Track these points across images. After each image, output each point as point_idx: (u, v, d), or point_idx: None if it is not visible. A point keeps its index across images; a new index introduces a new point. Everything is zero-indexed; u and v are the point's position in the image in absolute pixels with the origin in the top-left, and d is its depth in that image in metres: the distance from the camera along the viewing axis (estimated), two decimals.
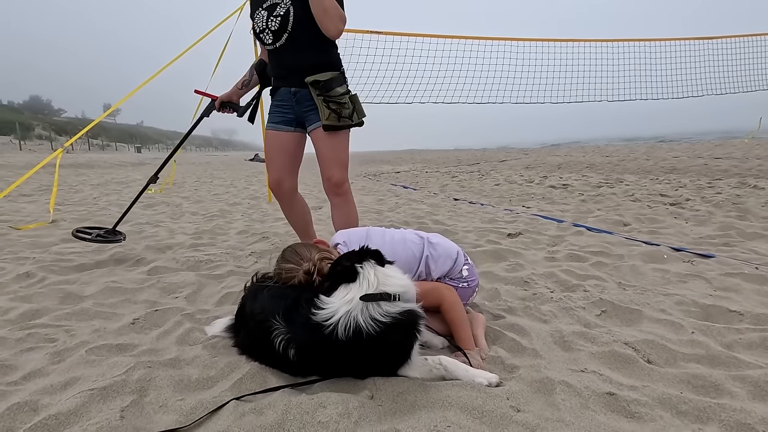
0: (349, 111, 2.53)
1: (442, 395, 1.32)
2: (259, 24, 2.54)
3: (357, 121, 2.60)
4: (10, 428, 1.25)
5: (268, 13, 2.49)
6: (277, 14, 2.46)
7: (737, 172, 8.22)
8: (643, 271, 2.64)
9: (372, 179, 11.61)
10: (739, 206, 4.61)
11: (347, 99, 2.52)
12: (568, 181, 8.22)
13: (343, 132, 2.61)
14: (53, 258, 3.14)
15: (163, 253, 3.40)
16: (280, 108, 2.70)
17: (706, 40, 10.36)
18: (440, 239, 2.02)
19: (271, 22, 2.48)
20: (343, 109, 2.50)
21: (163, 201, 6.85)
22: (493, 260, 3.05)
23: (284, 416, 1.23)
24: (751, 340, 1.69)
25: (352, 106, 2.54)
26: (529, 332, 1.81)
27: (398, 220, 4.86)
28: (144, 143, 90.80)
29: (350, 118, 2.54)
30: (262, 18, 2.52)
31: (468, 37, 9.21)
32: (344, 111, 2.51)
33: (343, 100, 2.50)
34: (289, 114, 2.68)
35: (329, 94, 2.47)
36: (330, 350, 1.40)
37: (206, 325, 1.95)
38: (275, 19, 2.47)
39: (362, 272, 1.47)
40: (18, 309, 2.14)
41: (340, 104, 2.49)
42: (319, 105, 2.50)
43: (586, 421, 1.22)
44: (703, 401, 1.29)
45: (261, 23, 2.53)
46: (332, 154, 2.61)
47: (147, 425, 1.26)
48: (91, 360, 1.62)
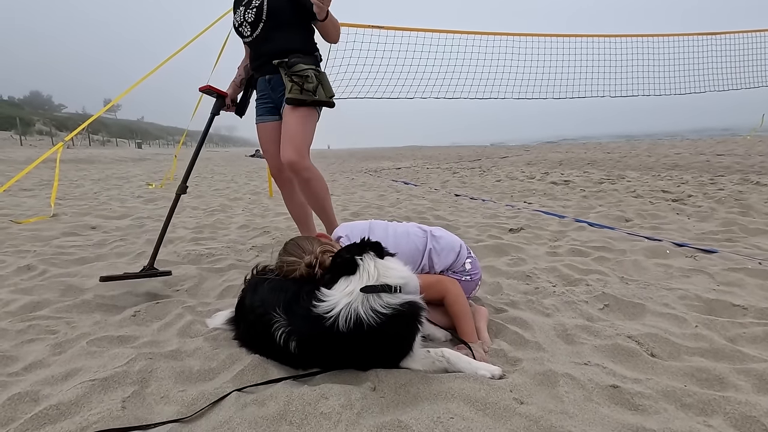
0: (313, 85, 2.50)
1: (445, 387, 1.32)
2: (238, 18, 2.64)
3: (323, 98, 2.55)
4: (11, 418, 1.25)
5: (246, 8, 2.60)
6: (252, 6, 2.56)
7: (739, 168, 8.19)
8: (646, 266, 2.63)
9: (373, 175, 11.59)
10: (742, 202, 4.60)
11: (311, 72, 2.50)
12: (569, 178, 8.20)
13: (307, 111, 2.57)
14: (54, 251, 3.14)
15: (164, 247, 3.39)
16: (262, 100, 2.79)
17: (708, 36, 10.30)
18: (443, 233, 2.01)
19: (248, 14, 2.57)
20: (306, 82, 2.48)
21: (164, 196, 6.85)
22: (495, 255, 3.04)
23: (286, 407, 1.23)
24: (755, 334, 1.68)
25: (316, 81, 2.51)
26: (531, 325, 1.80)
27: (399, 215, 4.85)
28: (144, 139, 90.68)
29: (314, 92, 2.50)
30: (240, 13, 2.63)
31: (469, 32, 9.16)
32: (307, 84, 2.48)
33: (306, 73, 2.48)
34: (269, 103, 2.77)
35: (292, 69, 2.48)
36: (331, 342, 1.39)
37: (207, 317, 1.95)
38: (251, 11, 2.56)
39: (362, 264, 1.46)
40: (19, 301, 2.13)
41: (302, 77, 2.47)
42: (285, 81, 2.52)
43: (590, 413, 1.21)
44: (707, 394, 1.28)
45: (239, 17, 2.63)
46: (289, 132, 2.56)
47: (148, 416, 1.25)
48: (92, 351, 1.62)
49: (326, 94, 2.57)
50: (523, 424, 1.16)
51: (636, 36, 10.07)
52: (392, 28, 8.26)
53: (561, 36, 9.86)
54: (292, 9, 2.55)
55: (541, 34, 9.87)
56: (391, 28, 8.24)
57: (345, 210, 5.35)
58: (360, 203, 5.95)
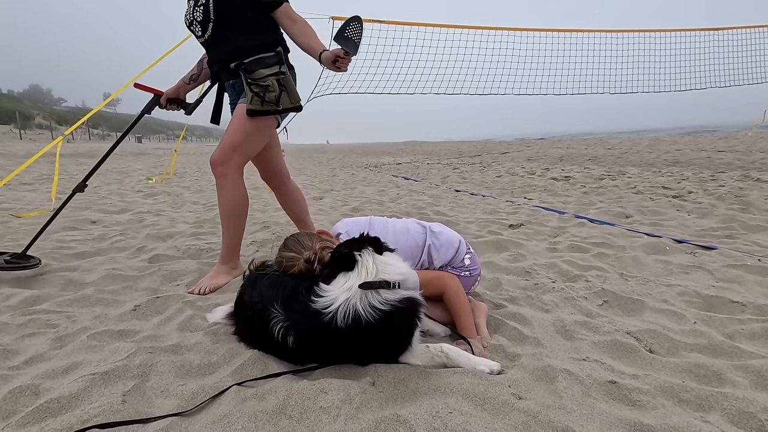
0: (275, 94, 2.30)
1: (444, 382, 1.32)
2: (188, 16, 2.39)
3: (287, 105, 2.35)
4: (13, 411, 1.25)
5: (194, 3, 2.35)
6: (200, 3, 2.32)
7: (740, 165, 8.17)
8: (645, 263, 2.63)
9: (373, 170, 11.57)
10: (742, 199, 4.59)
11: (272, 81, 2.29)
12: (570, 173, 8.19)
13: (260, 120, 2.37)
14: (54, 245, 3.14)
15: (164, 242, 3.40)
16: (232, 105, 2.58)
17: (710, 31, 10.24)
18: (442, 228, 2.01)
19: (196, 12, 2.33)
20: (267, 92, 2.29)
21: (164, 191, 6.84)
22: (495, 250, 3.04)
23: (286, 402, 1.23)
24: (754, 331, 1.69)
25: (278, 89, 2.30)
26: (530, 321, 1.80)
27: (400, 210, 4.85)
28: (145, 133, 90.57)
29: (276, 102, 2.31)
30: (190, 9, 2.38)
31: (469, 27, 9.11)
32: (268, 94, 2.29)
33: (266, 82, 2.28)
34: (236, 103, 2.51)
35: (252, 76, 2.28)
36: (329, 338, 1.39)
37: (207, 312, 1.95)
38: (199, 9, 2.32)
39: (361, 260, 1.46)
40: (19, 295, 2.14)
41: (262, 87, 2.28)
42: (245, 88, 2.32)
43: (588, 408, 1.22)
44: (705, 390, 1.29)
45: (189, 15, 2.38)
46: (234, 131, 2.37)
47: (149, 409, 1.26)
48: (93, 345, 1.62)
49: (291, 100, 2.36)
50: (522, 419, 1.17)
51: (637, 32, 10.02)
52: (392, 22, 8.21)
53: (561, 32, 9.81)
54: (245, 2, 2.30)
55: (542, 29, 9.80)
56: (391, 23, 8.19)
57: (345, 205, 5.35)
58: (360, 198, 5.95)
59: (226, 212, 2.45)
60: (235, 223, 2.48)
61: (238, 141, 2.37)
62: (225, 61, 2.37)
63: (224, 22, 2.31)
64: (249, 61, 2.29)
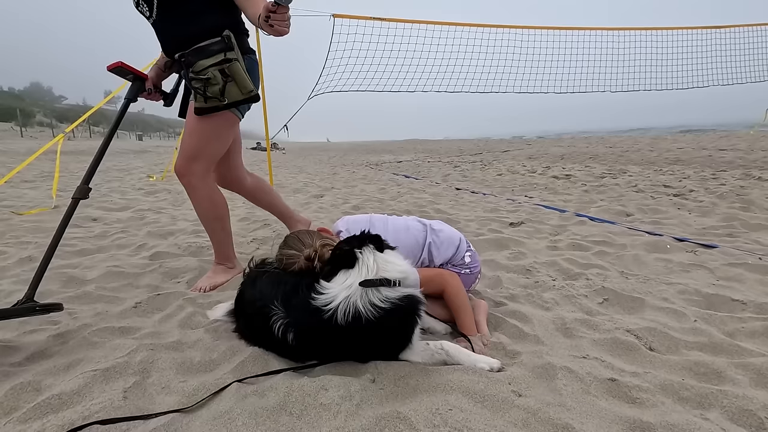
0: (218, 87, 2.03)
1: (444, 379, 1.33)
2: None
3: (236, 98, 2.08)
4: (14, 407, 1.26)
5: None
6: None
7: (742, 163, 8.15)
8: (646, 261, 2.63)
9: (374, 168, 11.57)
10: (743, 198, 4.59)
11: (213, 72, 2.01)
12: (571, 172, 8.17)
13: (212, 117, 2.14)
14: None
15: (165, 239, 3.40)
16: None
17: (712, 29, 10.21)
18: (443, 226, 2.01)
19: None
20: (209, 85, 2.02)
21: (164, 188, 6.85)
22: (495, 249, 3.04)
23: (286, 398, 1.24)
24: (754, 329, 1.69)
25: (221, 81, 2.03)
26: (531, 319, 1.81)
27: (400, 208, 4.85)
28: (145, 131, 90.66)
29: (220, 96, 2.05)
30: None
31: (470, 25, 9.09)
32: (210, 88, 2.03)
33: (206, 75, 2.01)
34: None
35: (193, 69, 2.02)
36: (329, 335, 1.40)
37: (208, 309, 1.96)
38: None
39: (361, 258, 1.47)
40: (21, 292, 2.13)
41: (203, 81, 2.01)
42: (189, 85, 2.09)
43: (588, 406, 1.22)
44: (705, 388, 1.29)
45: None
46: (189, 137, 2.20)
47: (150, 406, 1.26)
48: (94, 342, 1.63)
49: (241, 90, 2.08)
50: (521, 417, 1.17)
51: (638, 29, 9.99)
52: (393, 20, 8.20)
53: (562, 29, 9.78)
54: None
55: (543, 27, 9.77)
56: (392, 20, 8.18)
57: (345, 203, 5.35)
58: (361, 196, 5.95)
59: (205, 221, 2.37)
60: (219, 228, 2.40)
61: (193, 146, 2.19)
62: (171, 50, 2.15)
63: (167, 3, 2.06)
64: (190, 51, 2.03)
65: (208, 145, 2.22)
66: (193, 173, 2.22)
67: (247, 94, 2.10)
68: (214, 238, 2.44)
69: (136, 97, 2.30)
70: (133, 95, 2.27)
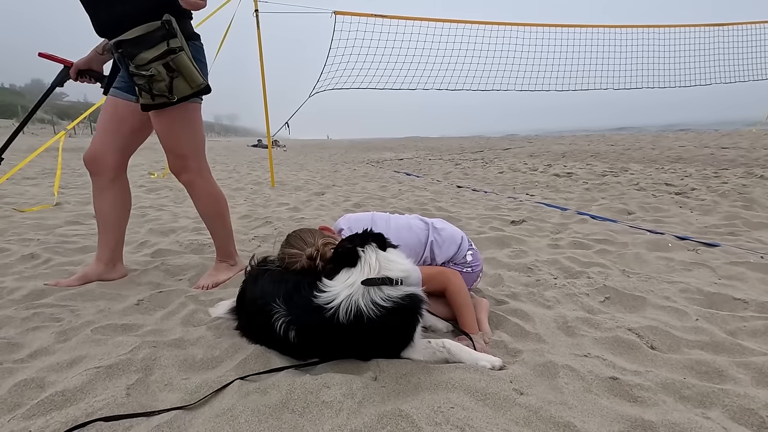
0: (164, 84, 1.89)
1: (446, 377, 1.33)
2: None
3: (185, 93, 1.95)
4: (18, 404, 1.26)
5: None
6: None
7: (744, 162, 8.13)
8: (648, 259, 2.63)
9: (375, 166, 11.55)
10: (745, 196, 4.58)
11: (157, 69, 1.86)
12: (572, 170, 8.16)
13: (172, 112, 2.04)
14: (57, 240, 3.16)
15: (167, 237, 3.41)
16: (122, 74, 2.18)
17: (715, 27, 10.17)
18: (445, 224, 2.01)
19: None
20: (154, 82, 1.88)
21: (165, 185, 6.85)
22: (497, 247, 3.04)
23: (288, 396, 1.24)
24: (756, 328, 1.69)
25: (167, 78, 1.88)
26: (532, 317, 1.81)
27: (401, 206, 4.85)
28: None
29: (169, 92, 1.91)
30: None
31: (471, 22, 9.06)
32: (156, 85, 1.88)
33: (150, 71, 1.85)
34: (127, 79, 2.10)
35: (134, 63, 1.86)
36: (331, 333, 1.40)
37: (210, 306, 1.96)
38: None
39: (364, 256, 1.47)
40: (23, 289, 2.15)
41: (147, 77, 1.87)
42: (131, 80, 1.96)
43: (589, 404, 1.22)
44: (706, 387, 1.29)
45: None
46: (164, 139, 2.13)
47: (152, 403, 1.27)
48: (97, 339, 1.64)
49: (191, 84, 1.94)
50: (523, 415, 1.17)
51: (639, 27, 9.95)
52: (395, 17, 8.18)
53: (562, 27, 9.75)
54: None
55: (545, 24, 9.74)
56: (393, 17, 8.16)
57: (347, 201, 5.35)
58: (362, 194, 5.94)
59: (206, 218, 2.37)
60: (220, 225, 2.39)
61: (176, 145, 2.13)
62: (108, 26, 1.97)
63: None
64: (128, 42, 1.86)
65: (188, 137, 2.16)
66: (190, 169, 2.21)
67: (197, 88, 1.98)
68: (216, 236, 2.44)
69: (62, 82, 2.34)
70: (59, 81, 2.32)
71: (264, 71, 6.73)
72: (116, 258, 2.37)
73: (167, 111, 2.02)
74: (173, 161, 2.21)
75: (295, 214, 4.47)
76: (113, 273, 2.33)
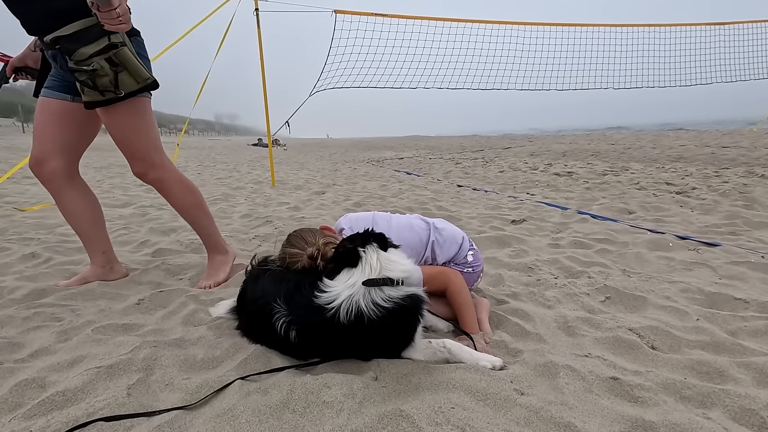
0: (108, 80, 1.82)
1: (446, 377, 1.33)
2: None
3: (132, 87, 1.89)
4: (19, 404, 1.27)
5: None
6: None
7: (745, 161, 8.13)
8: (648, 259, 2.63)
9: (375, 165, 11.55)
10: (746, 195, 4.57)
11: (100, 63, 1.79)
12: (572, 169, 8.15)
13: (122, 108, 1.95)
14: (58, 239, 3.16)
15: (167, 236, 3.41)
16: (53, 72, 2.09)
17: (715, 26, 10.15)
18: (446, 224, 2.01)
19: None
20: (97, 77, 1.81)
21: None
22: (497, 246, 3.04)
23: (289, 396, 1.24)
24: (757, 328, 1.68)
25: (111, 72, 1.82)
26: (533, 317, 1.81)
27: (402, 206, 4.85)
28: None
29: (114, 87, 1.85)
30: None
31: (472, 21, 9.05)
32: (100, 81, 1.81)
33: (91, 65, 1.78)
34: (62, 79, 2.05)
35: (73, 59, 1.79)
36: (332, 333, 1.40)
37: (211, 306, 1.96)
38: None
39: (365, 256, 1.47)
40: (24, 288, 2.15)
41: (89, 72, 1.79)
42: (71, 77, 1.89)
43: (590, 404, 1.22)
44: (707, 387, 1.29)
45: None
46: (120, 139, 2.05)
47: (153, 402, 1.27)
48: (97, 339, 1.64)
49: (137, 79, 1.89)
50: (524, 415, 1.17)
51: (640, 26, 9.93)
52: (395, 16, 8.17)
53: (563, 26, 9.74)
54: None
55: (545, 24, 9.72)
56: (394, 16, 8.15)
57: (347, 200, 5.35)
58: (362, 193, 5.94)
59: (186, 211, 2.30)
60: (202, 215, 2.33)
61: (134, 142, 2.06)
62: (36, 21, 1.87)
63: None
64: (66, 37, 1.78)
65: (143, 132, 2.07)
66: (155, 166, 2.13)
67: (144, 83, 1.93)
68: (201, 228, 2.36)
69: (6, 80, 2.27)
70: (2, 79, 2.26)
71: (264, 70, 6.73)
72: (111, 259, 2.34)
73: (117, 108, 1.95)
74: (135, 163, 2.12)
75: (295, 213, 4.47)
76: (112, 274, 2.32)
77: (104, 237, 2.33)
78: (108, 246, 2.35)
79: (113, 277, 2.32)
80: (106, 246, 2.33)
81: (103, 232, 2.33)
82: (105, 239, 2.33)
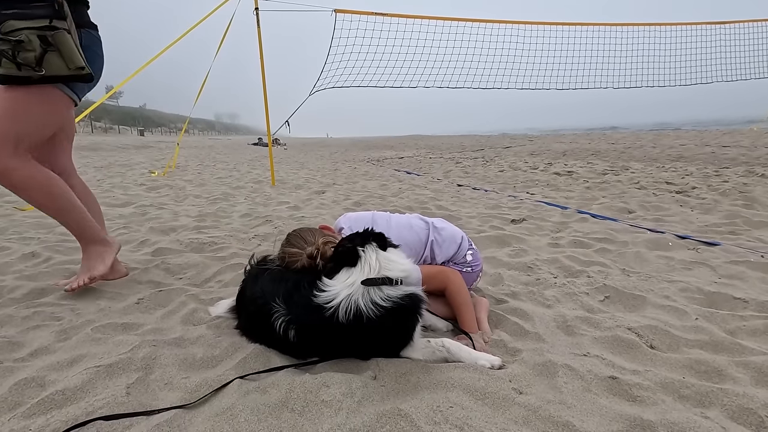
0: (33, 54, 1.70)
1: (445, 377, 1.33)
2: None
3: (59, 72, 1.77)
4: (18, 403, 1.27)
5: None
6: None
7: (745, 160, 8.12)
8: (648, 258, 2.63)
9: (375, 164, 11.55)
10: (746, 195, 4.57)
11: (29, 37, 1.69)
12: (573, 168, 8.15)
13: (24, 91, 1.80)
14: (58, 238, 3.16)
15: (167, 235, 3.41)
16: None
17: (715, 24, 10.14)
18: (445, 224, 2.02)
19: None
20: (21, 50, 1.69)
21: (166, 184, 6.85)
22: (497, 246, 3.04)
23: (288, 395, 1.24)
24: (756, 327, 1.69)
25: (39, 48, 1.71)
26: (532, 317, 1.81)
27: (402, 205, 4.85)
28: (147, 126, 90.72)
29: (36, 64, 1.72)
30: None
31: (472, 20, 9.04)
32: (22, 54, 1.69)
33: (18, 36, 1.68)
34: None
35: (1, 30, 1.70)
36: (331, 332, 1.40)
37: (210, 305, 1.97)
38: None
39: (364, 256, 1.47)
40: (24, 288, 2.15)
41: (14, 43, 1.68)
42: None
43: (588, 403, 1.22)
44: (705, 386, 1.29)
45: None
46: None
47: (152, 402, 1.27)
48: (97, 338, 1.64)
49: (67, 63, 1.76)
50: (522, 414, 1.17)
51: (640, 25, 9.92)
52: (395, 15, 8.16)
53: (563, 25, 9.72)
54: None
55: (546, 23, 9.71)
56: (394, 16, 8.15)
57: (347, 199, 5.35)
58: (362, 193, 5.94)
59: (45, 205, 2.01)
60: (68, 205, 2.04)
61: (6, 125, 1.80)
62: None
63: None
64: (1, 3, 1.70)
65: (20, 123, 1.83)
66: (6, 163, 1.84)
67: (75, 71, 1.79)
68: (69, 220, 2.08)
69: None
70: None
71: (264, 69, 6.73)
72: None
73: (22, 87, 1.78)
74: None
75: (295, 212, 4.47)
76: (111, 274, 2.31)
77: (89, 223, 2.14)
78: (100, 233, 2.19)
79: (112, 277, 2.32)
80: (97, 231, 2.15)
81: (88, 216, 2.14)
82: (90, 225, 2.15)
